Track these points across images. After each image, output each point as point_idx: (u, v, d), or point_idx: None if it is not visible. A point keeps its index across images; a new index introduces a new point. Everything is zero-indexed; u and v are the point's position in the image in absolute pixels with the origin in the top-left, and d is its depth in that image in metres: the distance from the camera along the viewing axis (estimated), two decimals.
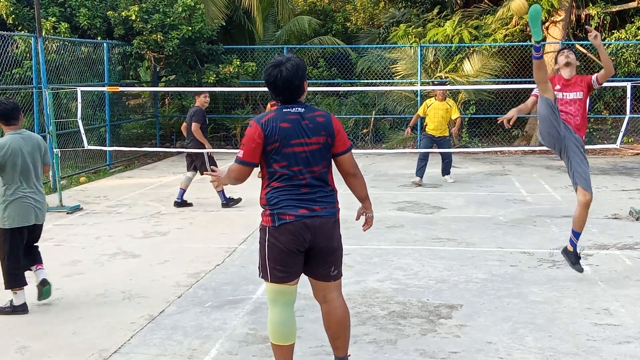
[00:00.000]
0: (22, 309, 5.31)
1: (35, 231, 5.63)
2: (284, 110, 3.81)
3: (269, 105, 11.38)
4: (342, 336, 4.03)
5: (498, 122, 6.27)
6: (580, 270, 5.99)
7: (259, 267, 4.00)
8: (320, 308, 4.08)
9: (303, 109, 3.83)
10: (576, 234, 6.05)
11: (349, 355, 4.16)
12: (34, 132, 11.48)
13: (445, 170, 11.60)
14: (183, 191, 9.67)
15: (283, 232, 3.83)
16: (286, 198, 3.85)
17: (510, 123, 6.03)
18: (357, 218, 4.21)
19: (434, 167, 11.73)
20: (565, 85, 6.05)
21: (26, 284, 5.41)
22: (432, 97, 12.04)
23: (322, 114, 3.87)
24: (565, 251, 6.13)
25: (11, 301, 5.35)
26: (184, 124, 10.06)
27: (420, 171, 11.27)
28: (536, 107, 6.13)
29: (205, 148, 9.66)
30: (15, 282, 5.34)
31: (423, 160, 11.28)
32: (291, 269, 3.85)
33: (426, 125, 11.61)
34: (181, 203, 9.62)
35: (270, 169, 3.88)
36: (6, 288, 5.38)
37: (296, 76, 3.76)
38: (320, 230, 3.81)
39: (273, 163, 3.83)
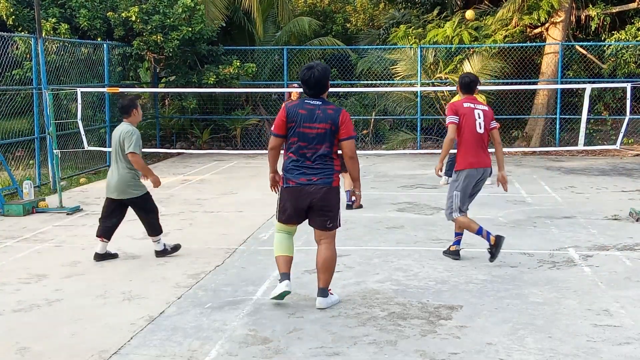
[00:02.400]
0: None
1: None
2: (305, 100, 5.25)
3: (283, 104, 11.47)
4: (325, 272, 5.30)
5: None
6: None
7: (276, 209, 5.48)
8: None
9: (320, 102, 5.21)
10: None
11: (330, 290, 5.36)
12: (33, 133, 11.53)
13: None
14: None
15: (288, 192, 5.29)
16: (293, 167, 5.23)
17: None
18: (350, 197, 5.36)
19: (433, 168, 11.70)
20: None
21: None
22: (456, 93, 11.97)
23: (333, 108, 5.21)
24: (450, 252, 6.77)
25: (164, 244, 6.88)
26: None
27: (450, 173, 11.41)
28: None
29: None
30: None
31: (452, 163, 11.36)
32: (291, 217, 5.35)
33: None
34: None
35: (288, 142, 5.25)
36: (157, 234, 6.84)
37: (324, 77, 5.21)
38: (316, 194, 5.17)
39: (291, 137, 5.22)
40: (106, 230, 6.82)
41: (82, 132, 10.40)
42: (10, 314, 5.32)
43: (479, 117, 6.53)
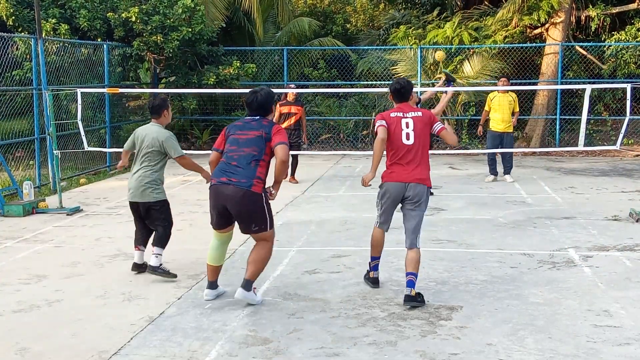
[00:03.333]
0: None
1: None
2: (246, 118, 5.55)
3: (277, 104, 11.53)
4: (254, 265, 5.38)
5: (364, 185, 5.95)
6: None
7: None
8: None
9: (258, 117, 5.46)
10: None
11: (255, 288, 5.45)
12: (33, 133, 11.53)
13: (508, 169, 11.76)
14: None
15: (210, 191, 5.41)
16: (220, 168, 5.36)
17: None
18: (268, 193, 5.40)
19: (435, 169, 11.69)
20: None
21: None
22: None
23: (269, 121, 5.46)
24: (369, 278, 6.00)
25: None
26: None
27: (495, 170, 11.76)
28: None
29: None
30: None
31: (493, 159, 11.73)
32: (214, 219, 5.44)
33: (489, 120, 11.76)
34: None
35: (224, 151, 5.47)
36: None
37: (266, 102, 5.47)
38: (232, 197, 5.21)
39: (225, 145, 5.48)
40: (138, 238, 6.44)
41: (82, 133, 10.39)
42: (10, 314, 5.32)
43: (407, 127, 5.67)
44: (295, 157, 11.63)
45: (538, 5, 15.97)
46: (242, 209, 5.23)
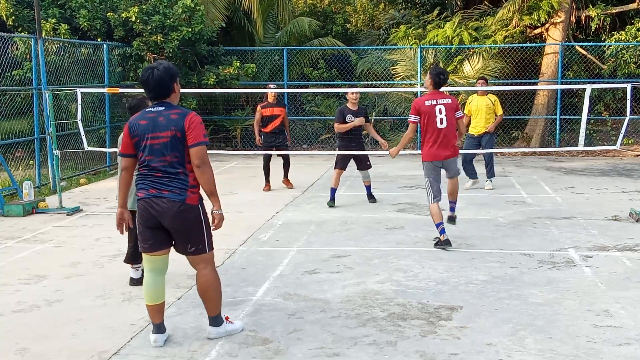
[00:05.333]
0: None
1: None
2: (146, 110, 4.57)
3: (258, 107, 11.34)
4: (206, 300, 4.72)
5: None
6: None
7: None
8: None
9: (163, 107, 4.52)
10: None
11: (227, 317, 4.86)
12: (33, 133, 11.53)
13: (488, 173, 11.02)
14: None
15: (139, 208, 4.55)
16: (143, 181, 4.52)
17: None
18: (212, 221, 4.62)
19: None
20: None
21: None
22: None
23: (177, 112, 4.49)
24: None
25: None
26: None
27: (474, 174, 11.00)
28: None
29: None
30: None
31: (468, 163, 10.94)
32: (148, 240, 4.56)
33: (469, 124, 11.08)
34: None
35: (139, 159, 4.54)
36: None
37: (165, 77, 4.50)
38: (167, 213, 4.44)
39: (139, 153, 4.52)
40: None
41: (82, 133, 10.38)
42: (10, 314, 5.32)
43: (440, 113, 7.14)
44: (286, 158, 11.28)
45: (538, 5, 15.97)
46: (179, 226, 4.48)
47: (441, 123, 7.09)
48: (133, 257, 6.02)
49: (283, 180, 11.38)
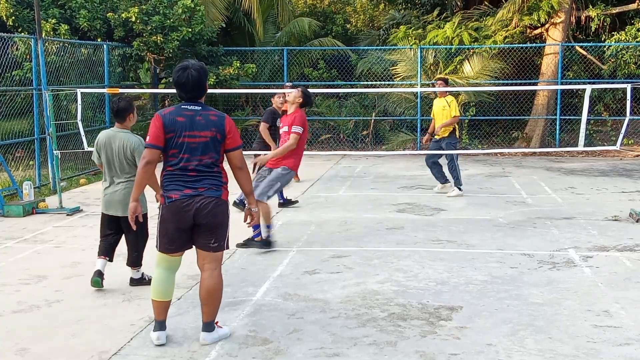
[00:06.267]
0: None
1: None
2: (182, 106, 4.53)
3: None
4: (209, 304, 4.64)
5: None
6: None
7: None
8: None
9: (200, 107, 4.55)
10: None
11: (217, 322, 4.74)
12: (33, 133, 11.53)
13: (453, 180, 10.41)
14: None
15: (170, 209, 4.50)
16: (175, 180, 4.51)
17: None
18: (245, 218, 4.78)
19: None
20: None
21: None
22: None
23: (215, 114, 4.57)
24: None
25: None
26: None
27: (440, 177, 10.63)
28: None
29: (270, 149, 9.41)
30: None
31: (433, 165, 10.56)
32: (174, 242, 4.57)
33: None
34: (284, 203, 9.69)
35: (168, 155, 4.52)
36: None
37: (202, 78, 4.53)
38: (203, 208, 4.46)
39: (170, 149, 4.49)
40: (107, 248, 6.03)
41: (82, 133, 10.38)
42: (10, 314, 5.32)
43: None
44: None
45: (538, 5, 15.98)
46: (212, 220, 4.53)
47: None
48: (136, 262, 6.00)
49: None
